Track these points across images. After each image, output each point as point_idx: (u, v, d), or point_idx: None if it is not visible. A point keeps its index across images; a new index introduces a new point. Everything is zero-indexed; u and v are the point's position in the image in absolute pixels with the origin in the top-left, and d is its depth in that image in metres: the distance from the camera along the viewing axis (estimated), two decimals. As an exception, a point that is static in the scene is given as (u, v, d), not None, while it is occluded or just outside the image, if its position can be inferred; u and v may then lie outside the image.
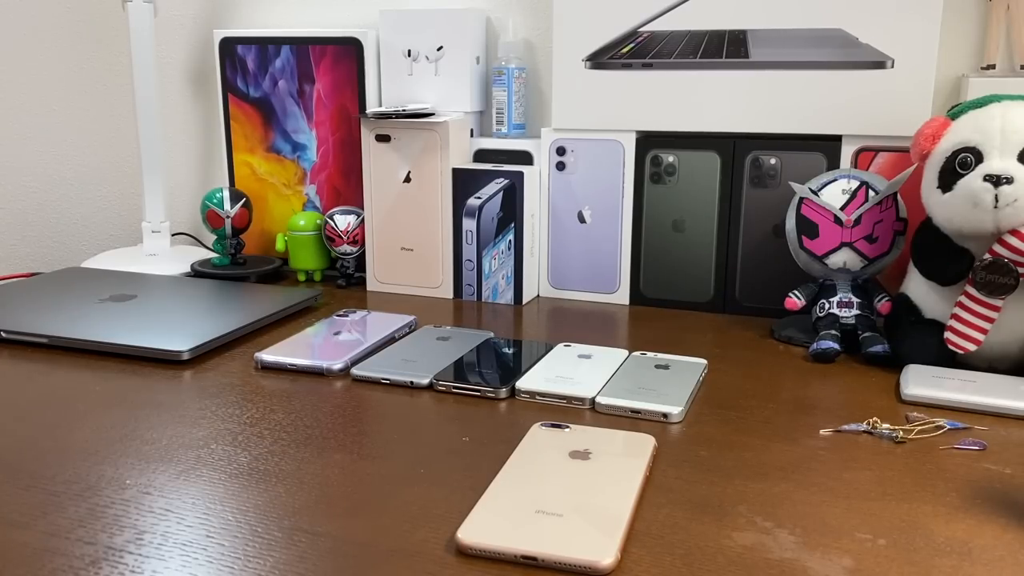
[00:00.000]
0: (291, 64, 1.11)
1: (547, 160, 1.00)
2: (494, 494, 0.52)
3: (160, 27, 1.25)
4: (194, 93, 1.28)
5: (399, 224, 1.03)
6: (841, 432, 0.64)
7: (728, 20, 0.92)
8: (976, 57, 0.93)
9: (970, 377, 0.72)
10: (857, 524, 0.51)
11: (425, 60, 1.06)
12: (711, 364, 0.78)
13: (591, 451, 0.58)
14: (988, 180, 0.70)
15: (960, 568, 0.46)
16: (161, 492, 0.54)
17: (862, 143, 0.90)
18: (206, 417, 0.66)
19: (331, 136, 1.12)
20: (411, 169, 1.01)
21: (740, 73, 0.92)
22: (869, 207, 0.82)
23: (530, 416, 0.67)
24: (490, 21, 1.09)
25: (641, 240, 0.99)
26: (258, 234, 1.18)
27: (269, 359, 0.77)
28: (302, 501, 0.53)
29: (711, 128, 0.95)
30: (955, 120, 0.75)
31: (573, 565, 0.45)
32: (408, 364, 0.76)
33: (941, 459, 0.59)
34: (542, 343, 0.82)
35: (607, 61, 0.97)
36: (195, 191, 1.30)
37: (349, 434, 0.63)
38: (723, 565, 0.46)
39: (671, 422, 0.66)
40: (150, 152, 1.14)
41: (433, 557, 0.47)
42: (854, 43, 0.88)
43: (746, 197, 0.94)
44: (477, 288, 1.01)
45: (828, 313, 0.83)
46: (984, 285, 0.72)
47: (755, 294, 0.96)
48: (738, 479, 0.56)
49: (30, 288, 0.97)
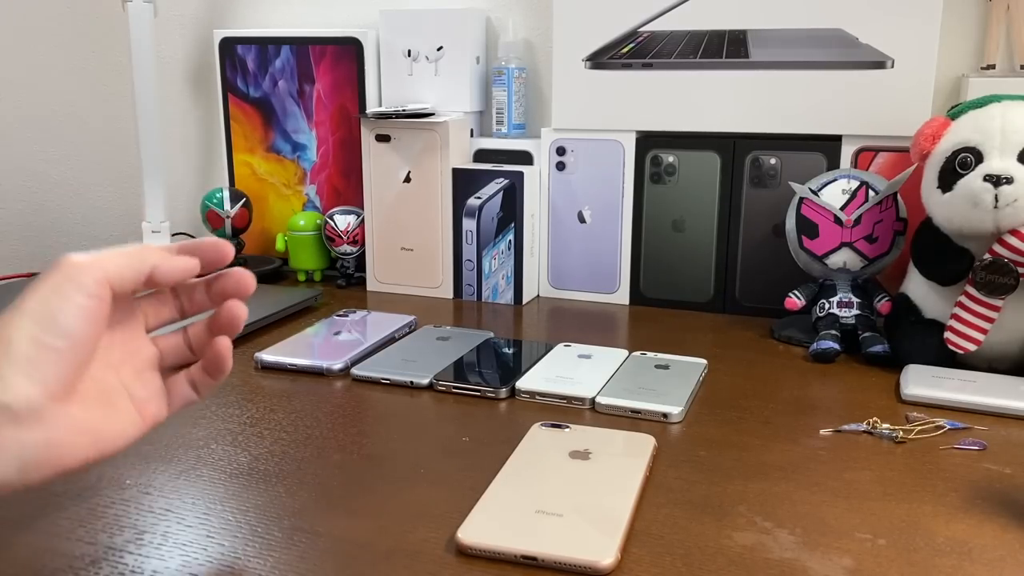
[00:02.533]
0: (291, 64, 1.11)
1: (547, 160, 1.00)
2: (494, 494, 0.52)
3: (160, 27, 1.25)
4: (194, 93, 1.28)
5: (399, 224, 1.03)
6: (841, 432, 0.64)
7: (728, 20, 0.92)
8: (976, 57, 0.93)
9: (970, 377, 0.72)
10: (857, 524, 0.51)
11: (425, 60, 1.06)
12: (711, 364, 0.78)
13: (591, 451, 0.58)
14: (988, 180, 0.70)
15: (960, 568, 0.46)
16: (161, 492, 0.54)
17: (862, 143, 0.90)
18: (206, 417, 0.66)
19: (331, 136, 1.12)
20: (411, 169, 1.01)
21: (740, 73, 0.92)
22: (869, 207, 0.82)
23: (530, 416, 0.67)
24: (490, 21, 1.09)
25: (641, 240, 0.99)
26: (258, 234, 1.18)
27: (269, 359, 0.77)
28: (302, 501, 0.53)
29: (711, 128, 0.95)
30: (955, 120, 0.75)
31: (573, 565, 0.45)
32: (408, 364, 0.76)
33: (941, 459, 0.59)
34: (542, 343, 0.82)
35: (607, 61, 0.97)
36: (195, 191, 1.30)
37: (349, 434, 0.63)
38: (723, 565, 0.46)
39: (671, 422, 0.66)
40: (150, 152, 1.14)
41: (433, 557, 0.47)
42: (854, 43, 0.88)
43: (746, 197, 0.94)
44: (477, 288, 1.01)
45: (828, 313, 0.83)
46: (984, 285, 0.72)
47: (755, 294, 0.96)
48: (738, 479, 0.56)
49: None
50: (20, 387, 0.39)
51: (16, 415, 0.39)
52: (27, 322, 0.40)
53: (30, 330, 0.40)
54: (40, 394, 0.39)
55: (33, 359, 0.39)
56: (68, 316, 0.40)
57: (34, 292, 0.41)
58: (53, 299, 0.40)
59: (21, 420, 0.39)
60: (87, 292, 0.41)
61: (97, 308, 0.41)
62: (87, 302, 0.41)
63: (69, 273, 0.41)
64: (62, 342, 0.40)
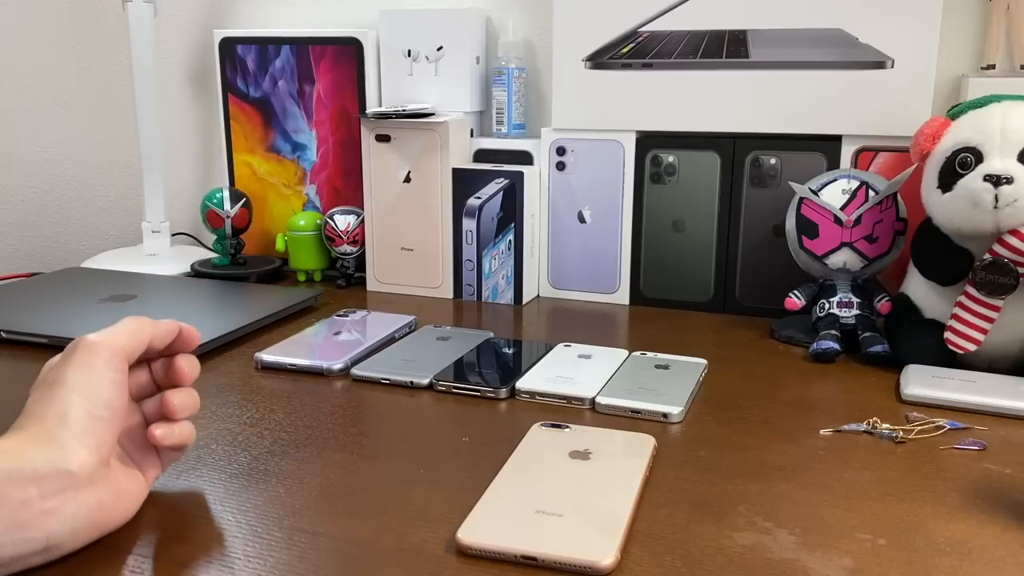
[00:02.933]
0: (291, 64, 1.11)
1: (547, 160, 1.00)
2: (494, 494, 0.52)
3: (160, 27, 1.25)
4: (194, 93, 1.28)
5: (399, 224, 1.03)
6: (841, 432, 0.64)
7: (728, 20, 0.92)
8: (976, 57, 0.93)
9: (970, 377, 0.72)
10: (857, 524, 0.51)
11: (425, 60, 1.06)
12: (711, 364, 0.78)
13: (591, 451, 0.58)
14: (988, 180, 0.70)
15: (960, 568, 0.46)
16: (161, 492, 0.54)
17: (862, 143, 0.90)
18: (206, 417, 0.66)
19: (331, 136, 1.12)
20: (411, 169, 1.01)
21: (740, 73, 0.92)
22: (869, 207, 0.82)
23: (530, 416, 0.67)
24: (490, 21, 1.09)
25: (641, 240, 0.99)
26: (258, 234, 1.18)
27: (269, 359, 0.77)
28: (302, 501, 0.53)
29: (711, 128, 0.95)
30: (955, 120, 0.75)
31: (573, 565, 0.45)
32: (408, 364, 0.76)
33: (941, 459, 0.59)
34: (542, 343, 0.82)
35: (607, 61, 0.97)
36: (195, 191, 1.30)
37: (349, 434, 0.63)
38: (723, 565, 0.46)
39: (671, 422, 0.66)
40: (150, 152, 1.14)
41: (433, 557, 0.47)
42: (854, 43, 0.88)
43: (746, 197, 0.94)
44: (477, 288, 1.01)
45: (828, 313, 0.83)
46: (984, 285, 0.72)
47: (755, 294, 0.96)
48: (738, 479, 0.56)
49: (30, 288, 0.97)
50: (80, 454, 0.45)
51: (76, 479, 0.44)
52: (76, 397, 0.46)
53: (81, 404, 0.46)
54: (95, 459, 0.46)
55: (89, 429, 0.46)
56: (107, 390, 0.47)
57: (69, 369, 0.47)
58: (92, 376, 0.47)
59: (80, 484, 0.45)
60: (114, 367, 0.48)
61: (123, 380, 0.48)
62: (118, 376, 0.48)
63: (94, 351, 0.48)
64: (107, 412, 0.47)
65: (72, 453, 0.44)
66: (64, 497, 0.44)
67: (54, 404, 0.46)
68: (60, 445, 0.44)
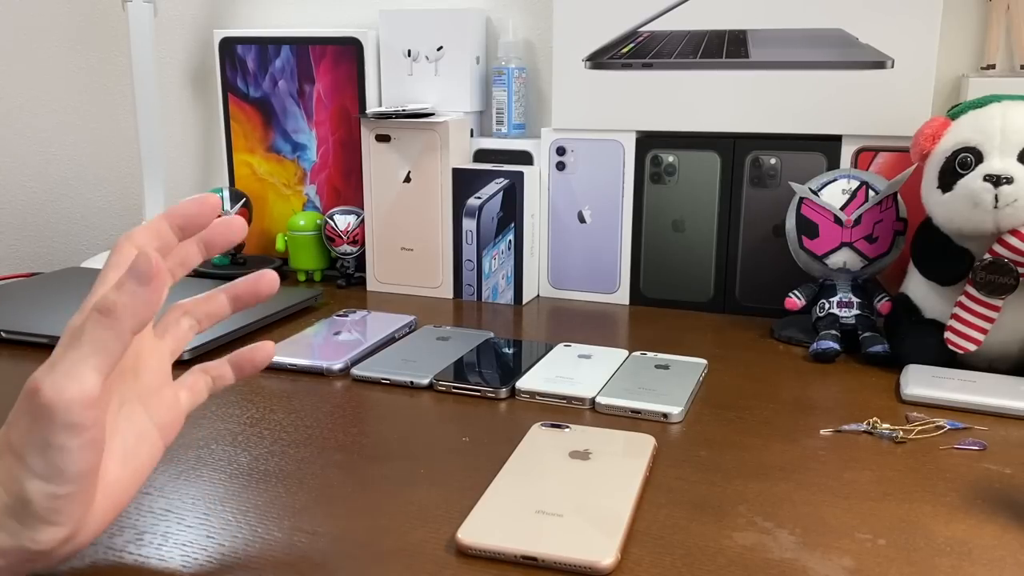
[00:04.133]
0: (291, 64, 1.11)
1: (547, 160, 1.00)
2: (494, 494, 0.52)
3: (160, 27, 1.25)
4: (194, 93, 1.28)
5: (399, 224, 1.03)
6: (841, 432, 0.64)
7: (728, 20, 0.92)
8: (976, 57, 0.93)
9: (970, 377, 0.72)
10: (857, 524, 0.51)
11: (425, 60, 1.06)
12: (711, 364, 0.78)
13: (591, 451, 0.58)
14: (988, 180, 0.70)
15: (960, 568, 0.46)
16: (161, 492, 0.54)
17: (862, 143, 0.90)
18: (206, 417, 0.66)
19: (331, 136, 1.12)
20: (411, 169, 1.01)
21: (740, 73, 0.92)
22: (869, 207, 0.82)
23: (530, 416, 0.67)
24: (490, 21, 1.09)
25: (641, 240, 0.99)
26: (258, 234, 1.18)
27: (269, 359, 0.77)
28: (302, 501, 0.53)
29: (711, 128, 0.95)
30: (955, 120, 0.75)
31: (573, 565, 0.45)
32: (408, 364, 0.76)
33: (941, 459, 0.59)
34: (542, 343, 0.82)
35: (607, 61, 0.97)
36: (195, 191, 1.30)
37: (349, 434, 0.63)
38: (723, 565, 0.46)
39: (671, 422, 0.66)
40: (150, 152, 1.14)
41: (433, 557, 0.47)
42: (854, 43, 0.88)
43: (746, 197, 0.94)
44: (477, 288, 1.01)
45: (828, 313, 0.83)
46: (984, 285, 0.72)
47: (755, 294, 0.96)
48: (738, 479, 0.56)
49: (30, 288, 0.97)
50: (47, 535, 0.40)
51: (50, 554, 0.41)
52: (37, 483, 0.39)
53: (42, 489, 0.39)
54: (68, 531, 0.41)
55: (55, 510, 0.40)
56: (73, 464, 0.39)
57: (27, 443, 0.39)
58: (51, 453, 0.39)
59: (55, 552, 0.41)
60: (78, 430, 0.39)
61: (92, 435, 0.40)
62: (82, 440, 0.39)
63: (52, 415, 0.38)
64: (74, 486, 0.40)
65: (39, 534, 0.40)
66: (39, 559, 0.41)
67: (12, 484, 0.40)
68: (24, 524, 0.40)
